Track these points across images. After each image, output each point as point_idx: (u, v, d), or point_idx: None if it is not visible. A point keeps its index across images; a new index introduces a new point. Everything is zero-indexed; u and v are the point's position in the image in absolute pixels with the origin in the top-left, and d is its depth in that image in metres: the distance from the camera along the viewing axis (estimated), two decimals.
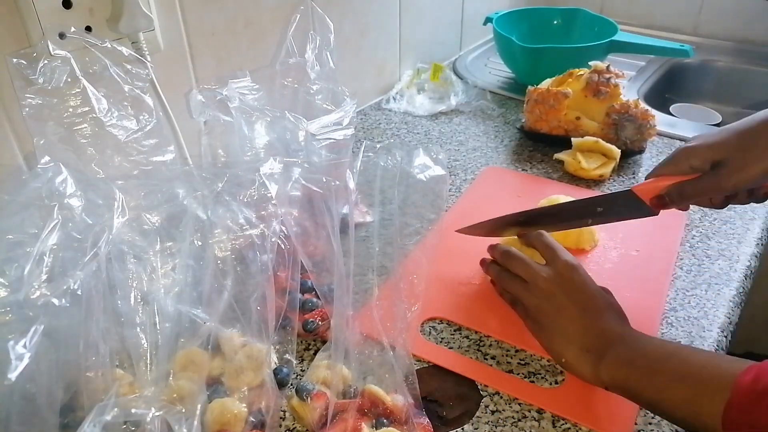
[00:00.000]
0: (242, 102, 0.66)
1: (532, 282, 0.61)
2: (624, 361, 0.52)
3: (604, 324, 0.56)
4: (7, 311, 0.43)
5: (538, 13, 1.30)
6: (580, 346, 0.55)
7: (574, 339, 0.56)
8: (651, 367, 0.50)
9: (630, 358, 0.52)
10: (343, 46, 1.02)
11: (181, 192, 0.55)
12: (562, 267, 0.60)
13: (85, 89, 0.57)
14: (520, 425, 0.54)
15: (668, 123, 1.05)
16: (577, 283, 0.59)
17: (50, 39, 0.57)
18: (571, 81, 0.97)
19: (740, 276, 0.71)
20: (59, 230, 0.46)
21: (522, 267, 0.62)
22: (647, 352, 0.52)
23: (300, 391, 0.54)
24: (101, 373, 0.47)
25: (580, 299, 0.58)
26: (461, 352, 0.61)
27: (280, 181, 0.57)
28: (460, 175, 0.92)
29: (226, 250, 0.54)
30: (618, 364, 0.52)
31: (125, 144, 0.60)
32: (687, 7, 1.45)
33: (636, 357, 0.52)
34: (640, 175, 0.91)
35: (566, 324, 0.57)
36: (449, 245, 0.75)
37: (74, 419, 0.48)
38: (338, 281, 0.56)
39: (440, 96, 1.15)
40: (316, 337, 0.63)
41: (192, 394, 0.50)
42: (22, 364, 0.41)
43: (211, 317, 0.53)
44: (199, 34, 0.76)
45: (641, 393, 0.50)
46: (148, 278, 0.50)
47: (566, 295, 0.58)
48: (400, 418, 0.53)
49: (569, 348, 0.56)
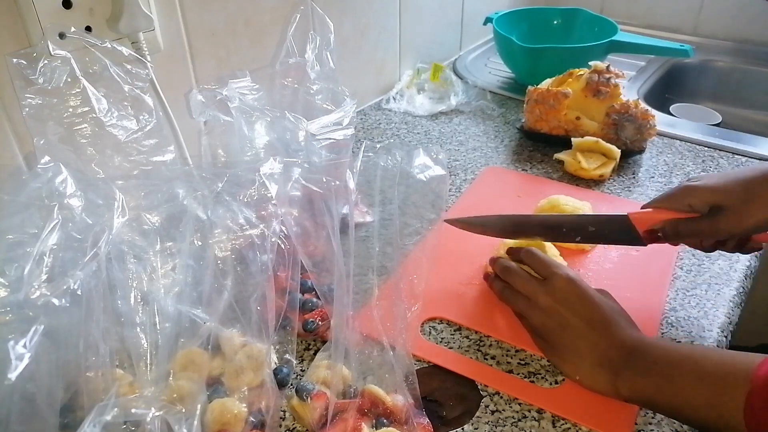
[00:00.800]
0: (242, 102, 0.66)
1: (534, 300, 0.59)
2: (640, 372, 0.52)
3: (614, 336, 0.55)
4: (7, 311, 0.43)
5: (538, 13, 1.30)
6: (592, 362, 0.55)
7: (585, 355, 0.55)
8: (668, 374, 0.50)
9: (646, 368, 0.52)
10: (343, 46, 1.02)
11: (181, 192, 0.55)
12: (561, 282, 0.58)
13: (85, 89, 0.57)
14: (520, 425, 0.54)
15: (668, 123, 1.05)
16: (579, 297, 0.57)
17: (50, 39, 0.57)
18: (571, 81, 0.97)
19: (740, 276, 0.71)
20: (59, 230, 0.46)
21: (522, 284, 0.61)
22: (661, 359, 0.52)
23: (300, 391, 0.54)
24: (101, 373, 0.47)
25: (584, 314, 0.56)
26: (461, 352, 0.61)
27: (280, 181, 0.57)
28: (460, 175, 0.92)
29: (226, 250, 0.54)
30: (635, 377, 0.52)
31: (125, 144, 0.60)
32: (687, 7, 1.45)
33: (651, 365, 0.52)
34: (641, 175, 0.91)
35: (574, 341, 0.56)
36: (449, 245, 0.75)
37: (74, 419, 0.48)
38: (338, 281, 0.56)
39: (440, 96, 1.15)
40: (316, 337, 0.63)
41: (192, 394, 0.50)
42: (22, 364, 0.41)
43: (211, 317, 0.53)
44: (199, 34, 0.76)
45: (662, 401, 0.50)
46: (148, 278, 0.50)
47: (571, 311, 0.57)
48: (400, 418, 0.53)
49: (581, 365, 0.55)
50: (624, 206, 0.82)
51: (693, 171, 0.92)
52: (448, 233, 0.75)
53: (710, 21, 1.44)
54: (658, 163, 0.94)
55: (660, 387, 0.50)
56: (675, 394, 0.49)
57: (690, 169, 0.92)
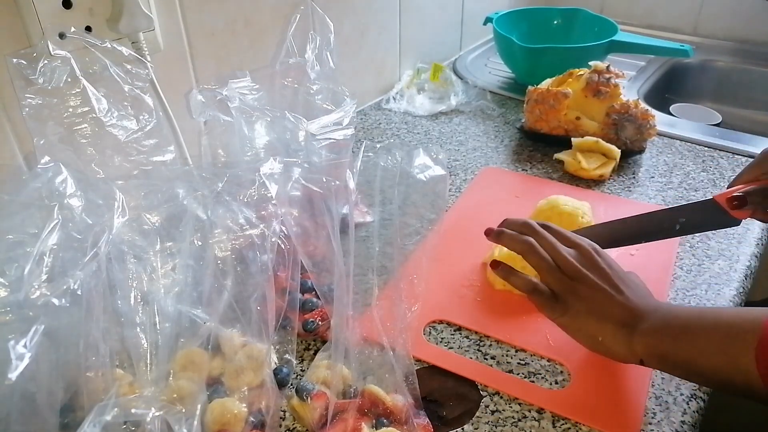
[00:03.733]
0: (242, 102, 0.66)
1: (560, 262, 0.57)
2: (658, 327, 0.52)
3: (638, 299, 0.55)
4: (7, 311, 0.43)
5: (538, 13, 1.30)
6: (616, 322, 0.54)
7: (611, 316, 0.54)
8: (684, 326, 0.51)
9: (664, 323, 0.52)
10: (343, 46, 1.02)
11: (181, 192, 0.55)
12: (589, 249, 0.58)
13: (85, 89, 0.57)
14: (520, 425, 0.54)
15: (668, 123, 1.05)
16: (608, 264, 0.57)
17: (50, 39, 0.57)
18: (571, 81, 0.97)
19: (740, 276, 0.71)
20: (59, 230, 0.46)
21: (548, 244, 0.58)
22: (680, 314, 0.52)
23: (300, 391, 0.54)
24: (101, 373, 0.47)
25: (611, 278, 0.56)
26: (461, 353, 0.61)
27: (280, 181, 0.57)
28: (460, 175, 0.92)
29: (226, 250, 0.54)
30: (652, 331, 0.52)
31: (125, 144, 0.60)
32: (687, 7, 1.45)
33: (669, 320, 0.52)
34: (641, 175, 0.91)
35: (601, 303, 0.55)
36: (449, 245, 0.75)
37: (74, 419, 0.48)
38: (338, 281, 0.56)
39: (440, 96, 1.15)
40: (316, 337, 0.63)
41: (192, 394, 0.50)
42: (23, 364, 0.41)
43: (211, 317, 0.53)
44: (199, 34, 0.76)
45: (676, 354, 0.50)
46: (148, 278, 0.50)
47: (598, 274, 0.56)
48: (400, 418, 0.53)
49: (605, 326, 0.54)
50: (624, 206, 0.83)
51: (693, 171, 0.92)
52: (448, 233, 0.75)
53: (710, 21, 1.44)
54: (658, 163, 0.94)
55: (675, 340, 0.50)
56: (690, 345, 0.49)
57: (690, 169, 0.92)
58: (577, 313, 0.56)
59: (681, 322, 0.51)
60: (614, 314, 0.54)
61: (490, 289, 0.69)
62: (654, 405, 0.56)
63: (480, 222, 0.80)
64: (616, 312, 0.54)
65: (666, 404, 0.56)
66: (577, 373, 0.58)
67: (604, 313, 0.55)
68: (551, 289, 0.57)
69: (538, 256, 0.57)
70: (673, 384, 0.58)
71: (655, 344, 0.52)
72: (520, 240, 0.59)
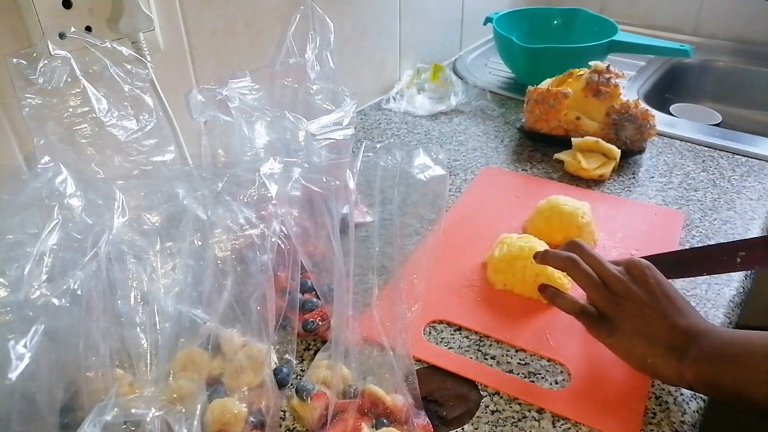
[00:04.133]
0: (242, 102, 0.66)
1: (606, 278, 0.56)
2: (708, 354, 0.51)
3: (689, 321, 0.54)
4: (7, 311, 0.43)
5: (538, 13, 1.30)
6: (666, 345, 0.53)
7: (661, 339, 0.53)
8: (734, 353, 0.50)
9: (715, 350, 0.51)
10: (343, 46, 1.02)
11: (181, 192, 0.55)
12: (639, 268, 0.56)
13: (85, 89, 0.57)
14: (520, 425, 0.54)
15: (668, 123, 1.05)
16: (658, 283, 0.55)
17: (50, 39, 0.57)
18: (571, 81, 0.97)
19: (740, 276, 0.71)
20: (59, 230, 0.46)
21: (594, 260, 0.57)
22: (730, 341, 0.51)
23: (300, 391, 0.54)
24: (101, 373, 0.47)
25: (661, 299, 0.55)
26: (461, 353, 0.61)
27: (280, 181, 0.57)
28: (460, 175, 0.92)
29: (226, 250, 0.54)
30: (703, 357, 0.51)
31: (125, 144, 0.60)
32: (687, 7, 1.45)
33: (720, 346, 0.51)
34: (641, 175, 0.91)
35: (649, 322, 0.54)
36: (450, 245, 0.75)
37: (74, 419, 0.48)
38: (338, 281, 0.56)
39: (440, 96, 1.15)
40: (316, 337, 0.63)
41: (192, 394, 0.50)
42: (22, 364, 0.41)
43: (211, 317, 0.53)
44: (199, 34, 0.76)
45: (725, 381, 0.50)
46: (148, 278, 0.50)
47: (645, 290, 0.55)
48: (400, 418, 0.53)
49: (655, 348, 0.53)
50: (624, 206, 0.83)
51: (693, 171, 0.92)
52: (448, 233, 0.75)
53: (710, 21, 1.44)
54: (658, 163, 0.94)
55: (726, 367, 0.50)
56: (739, 372, 0.49)
57: (690, 169, 0.92)
58: (625, 334, 0.54)
59: (732, 349, 0.50)
60: (663, 336, 0.53)
61: (490, 289, 0.69)
62: (654, 405, 0.56)
63: (480, 222, 0.80)
64: (664, 334, 0.53)
65: (666, 404, 0.56)
66: (577, 373, 0.58)
67: (653, 335, 0.53)
68: (597, 309, 0.56)
69: (583, 272, 0.56)
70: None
71: (705, 372, 0.50)
72: (563, 256, 0.58)
